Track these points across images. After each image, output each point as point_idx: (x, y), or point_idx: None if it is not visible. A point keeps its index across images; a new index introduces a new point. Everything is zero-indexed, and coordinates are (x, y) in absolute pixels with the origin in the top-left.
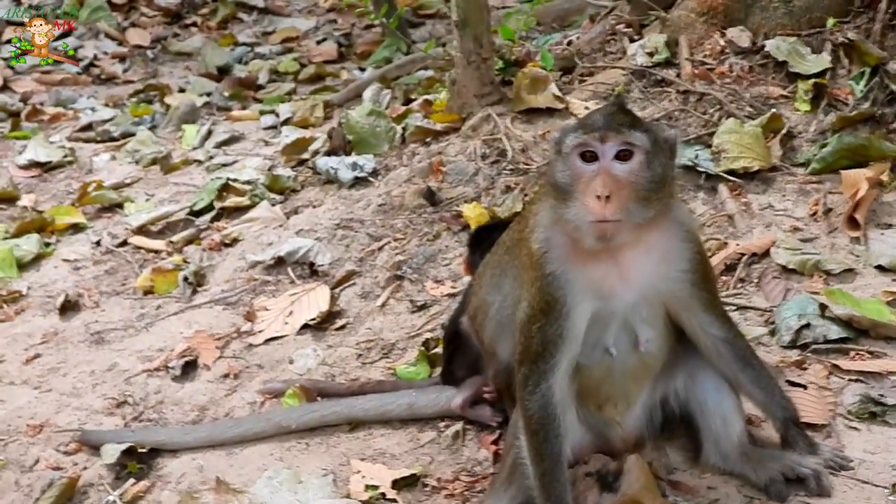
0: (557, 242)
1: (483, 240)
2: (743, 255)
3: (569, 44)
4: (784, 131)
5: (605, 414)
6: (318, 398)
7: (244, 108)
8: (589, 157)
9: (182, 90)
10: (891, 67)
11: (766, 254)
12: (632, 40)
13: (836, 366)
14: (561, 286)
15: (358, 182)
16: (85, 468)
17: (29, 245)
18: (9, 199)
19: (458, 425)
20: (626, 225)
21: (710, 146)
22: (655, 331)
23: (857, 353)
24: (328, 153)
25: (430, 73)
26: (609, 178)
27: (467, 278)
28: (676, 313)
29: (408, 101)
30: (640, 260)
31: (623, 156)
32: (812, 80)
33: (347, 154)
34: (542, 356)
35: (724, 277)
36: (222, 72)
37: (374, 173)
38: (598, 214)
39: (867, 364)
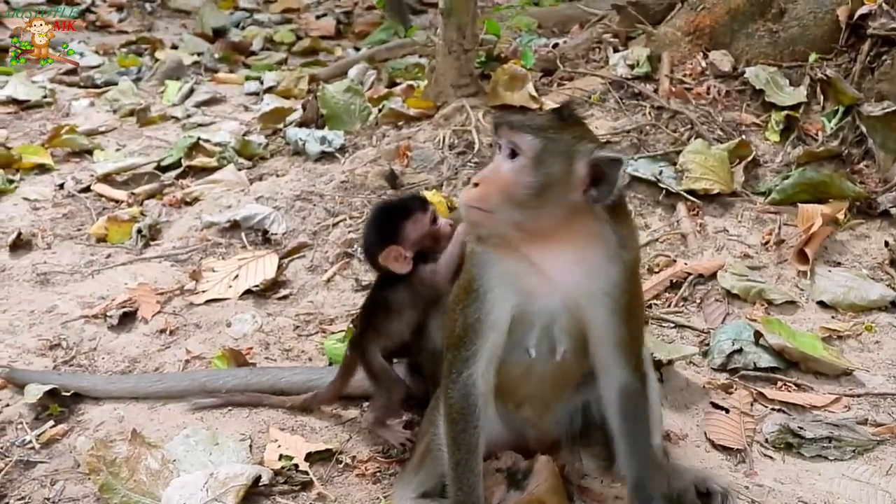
0: None
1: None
2: (690, 274)
3: (554, 46)
4: (750, 158)
5: (522, 413)
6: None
7: (232, 71)
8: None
9: (175, 47)
10: (864, 109)
11: (713, 276)
12: (616, 50)
13: (761, 393)
14: (478, 264)
15: (325, 156)
16: (7, 405)
17: None
18: None
19: None
20: (496, 220)
21: (675, 164)
22: (575, 343)
23: (785, 384)
24: (300, 124)
25: (420, 59)
26: (492, 169)
27: None
28: (591, 335)
29: (392, 84)
30: (563, 268)
31: (512, 154)
32: (785, 112)
33: (319, 128)
34: (464, 342)
35: (667, 294)
36: (218, 34)
37: (342, 150)
38: (465, 196)
39: (792, 396)
